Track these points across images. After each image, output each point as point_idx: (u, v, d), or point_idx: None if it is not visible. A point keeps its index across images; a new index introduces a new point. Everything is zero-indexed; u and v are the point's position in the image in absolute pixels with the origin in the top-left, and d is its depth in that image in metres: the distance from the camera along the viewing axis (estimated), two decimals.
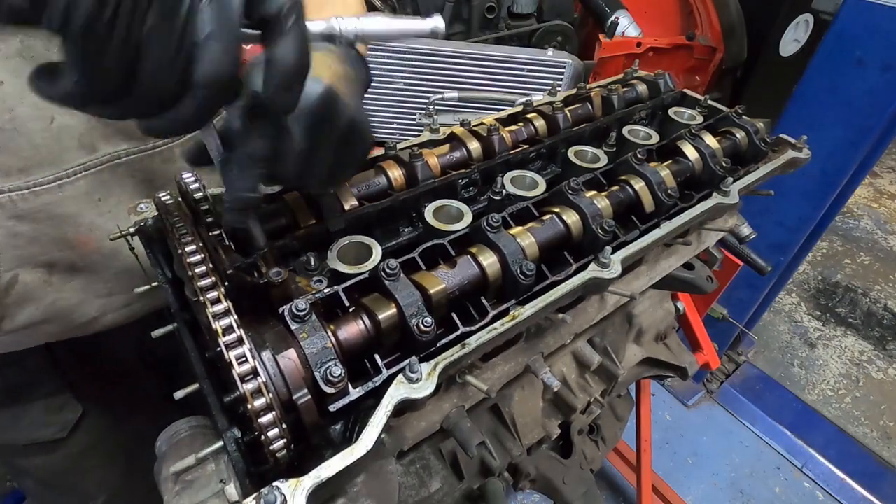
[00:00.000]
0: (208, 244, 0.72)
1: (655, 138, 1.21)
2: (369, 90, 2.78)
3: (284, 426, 0.59)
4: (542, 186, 1.02)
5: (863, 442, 3.08)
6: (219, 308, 0.62)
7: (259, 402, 0.58)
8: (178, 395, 0.70)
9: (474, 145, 1.09)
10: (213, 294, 0.63)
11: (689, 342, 2.09)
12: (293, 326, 0.65)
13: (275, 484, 0.56)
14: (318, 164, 0.67)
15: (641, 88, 1.38)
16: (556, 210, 0.93)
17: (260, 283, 0.69)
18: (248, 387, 0.58)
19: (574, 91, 1.36)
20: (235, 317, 0.61)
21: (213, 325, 0.60)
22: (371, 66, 2.66)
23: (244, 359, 0.59)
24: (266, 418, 0.58)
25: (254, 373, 0.58)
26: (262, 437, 0.58)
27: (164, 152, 1.06)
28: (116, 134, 0.97)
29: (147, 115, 0.51)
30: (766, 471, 2.90)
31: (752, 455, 2.97)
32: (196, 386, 0.70)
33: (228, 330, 0.60)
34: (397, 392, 0.65)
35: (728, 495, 2.78)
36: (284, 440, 0.59)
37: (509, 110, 1.27)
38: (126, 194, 1.03)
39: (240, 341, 0.60)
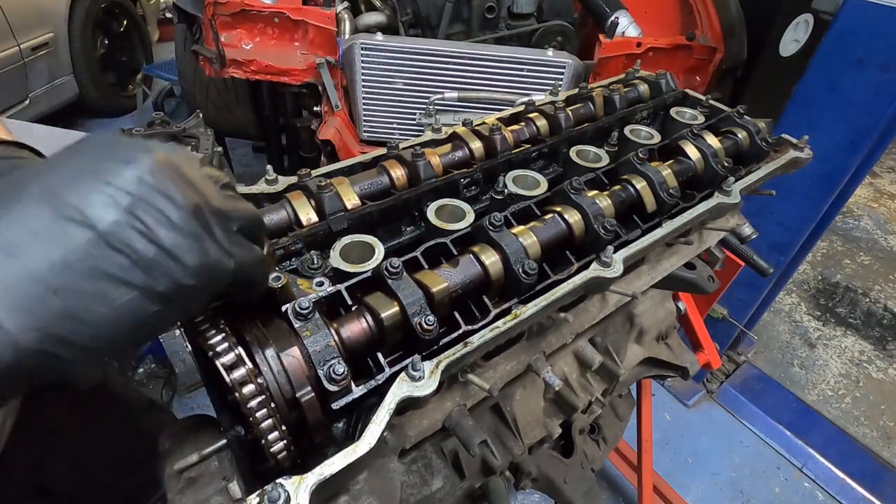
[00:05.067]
0: None
1: (657, 138, 1.21)
2: (370, 90, 2.77)
3: (284, 428, 0.59)
4: (544, 186, 1.02)
5: (863, 442, 3.08)
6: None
7: (261, 414, 0.58)
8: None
9: (476, 145, 1.09)
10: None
11: (690, 342, 2.09)
12: (296, 325, 0.65)
13: (278, 481, 0.56)
14: None
15: (643, 88, 1.38)
16: (558, 209, 0.93)
17: None
18: (246, 391, 0.58)
19: (576, 91, 1.36)
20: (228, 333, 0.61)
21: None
22: (371, 66, 2.66)
23: (242, 375, 0.59)
24: (265, 423, 0.58)
25: (249, 381, 0.58)
26: (263, 442, 0.58)
27: None
28: None
29: None
30: (766, 471, 2.90)
31: (752, 455, 2.97)
32: (199, 383, 0.70)
33: (221, 343, 0.60)
34: (400, 390, 0.65)
35: (728, 495, 2.78)
36: (284, 441, 0.59)
37: (511, 110, 1.27)
38: None
39: (229, 350, 0.60)
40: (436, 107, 2.49)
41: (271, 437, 0.58)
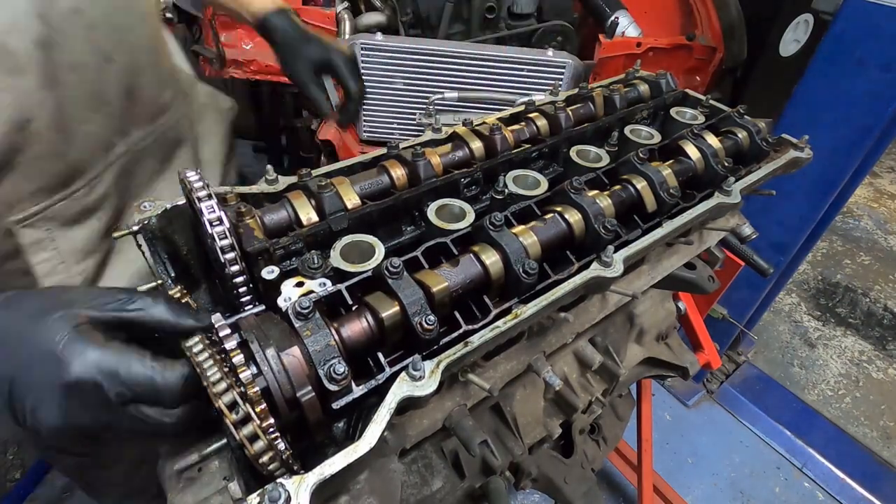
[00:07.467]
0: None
1: (657, 138, 1.21)
2: (370, 90, 2.79)
3: (279, 444, 0.59)
4: (545, 186, 1.02)
5: (863, 442, 3.08)
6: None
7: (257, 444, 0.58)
8: None
9: (476, 145, 1.09)
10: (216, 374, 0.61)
11: (690, 342, 2.09)
12: (297, 324, 0.65)
13: (279, 481, 0.56)
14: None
15: (643, 88, 1.38)
16: (559, 209, 0.93)
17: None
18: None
19: (576, 91, 1.36)
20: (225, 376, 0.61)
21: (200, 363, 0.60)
22: (371, 66, 2.65)
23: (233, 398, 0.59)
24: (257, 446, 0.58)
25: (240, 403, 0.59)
26: (258, 464, 0.58)
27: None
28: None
29: None
30: (766, 471, 2.90)
31: (752, 455, 2.97)
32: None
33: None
34: (400, 390, 0.65)
35: (728, 495, 2.78)
36: (276, 463, 0.59)
37: (511, 110, 1.27)
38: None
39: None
40: (436, 107, 2.49)
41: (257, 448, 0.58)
